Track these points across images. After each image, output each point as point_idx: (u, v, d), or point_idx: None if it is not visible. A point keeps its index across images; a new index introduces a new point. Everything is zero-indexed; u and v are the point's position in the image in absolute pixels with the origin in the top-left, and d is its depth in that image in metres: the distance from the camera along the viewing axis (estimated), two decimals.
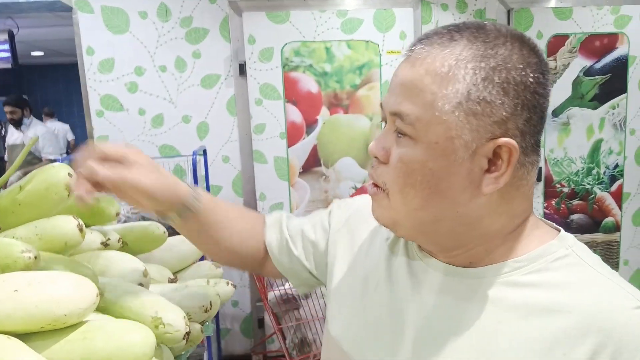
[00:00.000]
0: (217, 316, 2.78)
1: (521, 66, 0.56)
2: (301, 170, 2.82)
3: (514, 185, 0.60)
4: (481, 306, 0.62)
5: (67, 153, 6.53)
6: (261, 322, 2.92)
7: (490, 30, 0.58)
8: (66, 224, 0.81)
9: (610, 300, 0.57)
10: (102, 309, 0.76)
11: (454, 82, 0.56)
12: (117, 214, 0.98)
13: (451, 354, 0.62)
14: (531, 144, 0.59)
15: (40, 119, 7.59)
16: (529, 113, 0.57)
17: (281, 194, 2.81)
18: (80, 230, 0.81)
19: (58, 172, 0.84)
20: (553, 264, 0.61)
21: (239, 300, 2.92)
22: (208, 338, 2.40)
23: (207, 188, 2.64)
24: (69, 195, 0.85)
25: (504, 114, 0.56)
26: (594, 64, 2.94)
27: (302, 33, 2.68)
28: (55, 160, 4.49)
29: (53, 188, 0.83)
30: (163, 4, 2.56)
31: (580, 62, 2.93)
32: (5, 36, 4.33)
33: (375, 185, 0.64)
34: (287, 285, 2.27)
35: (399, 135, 0.60)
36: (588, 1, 2.90)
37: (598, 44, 2.93)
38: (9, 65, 4.38)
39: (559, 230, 0.65)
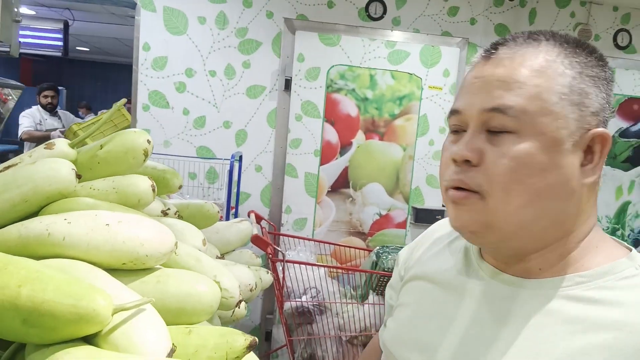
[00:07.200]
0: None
1: (600, 63, 0.62)
2: (329, 189, 2.86)
3: (596, 182, 0.62)
4: (537, 316, 0.62)
5: None
6: (268, 335, 2.92)
7: (562, 37, 0.63)
8: (142, 182, 0.85)
9: None
10: (165, 266, 0.80)
11: (555, 75, 0.59)
12: (180, 187, 1.03)
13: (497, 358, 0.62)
14: None
15: (76, 112, 7.81)
16: (610, 107, 0.62)
17: (307, 209, 2.85)
18: (153, 190, 0.86)
19: (138, 138, 0.89)
20: (619, 283, 0.60)
21: (249, 311, 2.93)
22: None
23: (237, 194, 2.69)
24: (144, 160, 0.90)
25: (598, 105, 0.60)
26: (630, 126, 2.98)
27: (349, 58, 2.77)
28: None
29: (132, 152, 0.88)
30: (222, 12, 2.67)
31: (617, 123, 2.97)
32: (61, 25, 4.54)
33: (463, 189, 0.62)
34: (304, 298, 2.28)
35: (495, 133, 0.60)
36: (631, 65, 2.95)
37: (636, 107, 2.97)
38: (59, 54, 4.57)
39: (630, 250, 0.65)
